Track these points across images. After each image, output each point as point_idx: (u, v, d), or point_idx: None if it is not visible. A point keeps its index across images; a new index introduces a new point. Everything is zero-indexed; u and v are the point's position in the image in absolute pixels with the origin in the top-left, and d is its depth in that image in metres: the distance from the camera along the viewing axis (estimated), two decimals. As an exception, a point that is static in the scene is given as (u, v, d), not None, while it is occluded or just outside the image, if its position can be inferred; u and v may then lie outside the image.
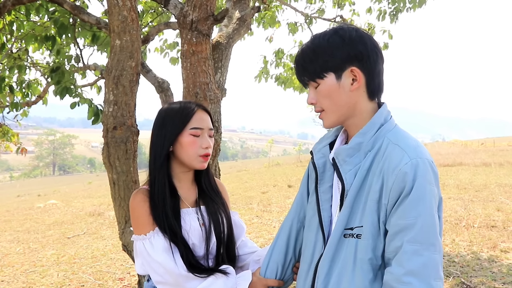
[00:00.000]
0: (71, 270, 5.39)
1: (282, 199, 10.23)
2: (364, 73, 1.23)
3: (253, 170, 22.83)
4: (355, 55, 1.21)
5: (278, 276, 1.51)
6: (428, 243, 1.10)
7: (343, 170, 1.24)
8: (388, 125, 1.26)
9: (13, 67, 4.58)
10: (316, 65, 1.24)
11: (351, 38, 1.21)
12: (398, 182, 1.13)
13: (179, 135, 1.55)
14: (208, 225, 1.61)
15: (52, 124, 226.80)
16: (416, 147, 1.18)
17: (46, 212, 11.44)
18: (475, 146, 39.69)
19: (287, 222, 1.54)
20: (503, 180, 11.87)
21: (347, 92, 1.23)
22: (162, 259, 1.48)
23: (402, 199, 1.12)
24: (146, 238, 1.52)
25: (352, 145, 1.24)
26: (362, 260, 1.18)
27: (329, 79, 1.23)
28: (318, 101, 1.28)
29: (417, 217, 1.10)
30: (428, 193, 1.11)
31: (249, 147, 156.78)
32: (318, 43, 1.24)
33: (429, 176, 1.13)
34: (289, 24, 6.60)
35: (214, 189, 1.70)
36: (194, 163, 1.58)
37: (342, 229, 1.23)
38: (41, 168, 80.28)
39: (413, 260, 1.09)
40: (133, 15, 2.55)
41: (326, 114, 1.28)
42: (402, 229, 1.11)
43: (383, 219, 1.17)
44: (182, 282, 1.49)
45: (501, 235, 5.89)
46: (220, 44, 3.46)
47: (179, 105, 1.61)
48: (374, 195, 1.18)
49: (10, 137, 6.11)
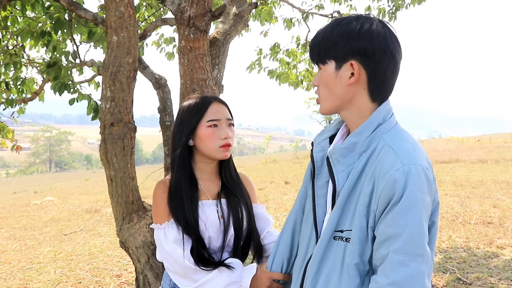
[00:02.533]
0: (68, 267, 5.38)
1: (279, 196, 10.24)
2: (366, 69, 1.19)
3: (250, 167, 22.84)
4: (358, 50, 1.17)
5: (284, 270, 1.51)
6: (415, 254, 1.07)
7: (336, 170, 1.22)
8: (387, 125, 1.21)
9: (9, 63, 4.55)
10: (321, 49, 1.24)
11: (360, 31, 1.18)
12: (388, 188, 1.09)
13: (197, 128, 1.60)
14: (227, 218, 1.64)
15: (48, 121, 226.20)
16: (411, 152, 1.14)
17: (43, 209, 11.41)
18: (471, 143, 39.84)
19: (292, 216, 1.53)
20: (499, 177, 11.93)
21: (343, 85, 1.20)
22: (172, 249, 1.53)
23: (391, 206, 1.09)
24: (162, 228, 1.58)
25: (347, 144, 1.21)
26: (348, 265, 1.16)
27: (329, 66, 1.22)
28: (319, 84, 1.28)
29: (405, 226, 1.07)
30: (418, 201, 1.08)
31: (246, 143, 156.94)
32: (330, 30, 1.22)
33: (421, 183, 1.09)
34: (285, 20, 6.58)
35: (235, 182, 1.73)
36: (215, 154, 1.62)
37: (332, 230, 1.21)
38: (38, 164, 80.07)
39: (398, 271, 1.06)
40: (130, 11, 2.54)
41: (321, 100, 1.28)
42: (389, 238, 1.09)
43: (371, 225, 1.14)
44: (190, 274, 1.53)
45: (497, 231, 5.92)
46: (217, 40, 3.44)
47: (196, 100, 1.65)
48: (364, 199, 1.15)
49: (5, 134, 6.08)
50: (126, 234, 2.60)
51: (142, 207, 2.65)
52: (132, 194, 2.61)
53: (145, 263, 2.54)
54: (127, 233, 2.60)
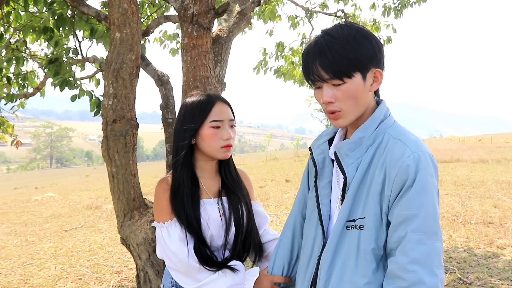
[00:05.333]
0: (69, 263, 5.39)
1: (280, 194, 10.24)
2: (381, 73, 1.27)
3: (250, 165, 22.83)
4: (377, 56, 1.24)
5: (285, 273, 1.54)
6: (431, 232, 1.14)
7: (345, 164, 1.27)
8: (388, 121, 1.30)
9: (11, 58, 4.54)
10: (341, 63, 1.20)
11: (371, 38, 1.24)
12: (401, 174, 1.17)
13: (200, 128, 1.60)
14: (228, 216, 1.65)
15: (49, 117, 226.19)
16: (417, 141, 1.23)
17: (44, 204, 11.42)
18: (472, 142, 39.83)
19: (291, 219, 1.56)
20: (500, 177, 11.92)
21: (367, 93, 1.26)
22: (176, 248, 1.54)
23: (405, 190, 1.16)
24: (164, 226, 1.59)
25: (354, 139, 1.27)
26: (365, 250, 1.20)
27: (357, 79, 1.22)
28: (338, 100, 1.24)
29: (420, 207, 1.14)
30: (430, 184, 1.16)
31: (247, 141, 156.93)
32: (345, 40, 1.20)
33: (430, 168, 1.18)
34: (290, 17, 6.56)
35: (235, 180, 1.74)
36: (217, 154, 1.62)
37: (344, 221, 1.26)
38: (38, 160, 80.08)
39: (417, 249, 1.12)
40: (133, 7, 2.53)
41: (345, 114, 1.25)
42: (406, 219, 1.15)
43: (385, 210, 1.20)
44: (193, 273, 1.54)
45: (498, 231, 5.92)
46: (220, 38, 3.44)
47: (199, 98, 1.64)
48: (376, 187, 1.21)
49: (5, 129, 6.07)
50: (127, 231, 2.60)
51: (144, 204, 2.65)
52: (134, 191, 2.61)
53: (146, 260, 2.54)
54: (128, 230, 2.60)
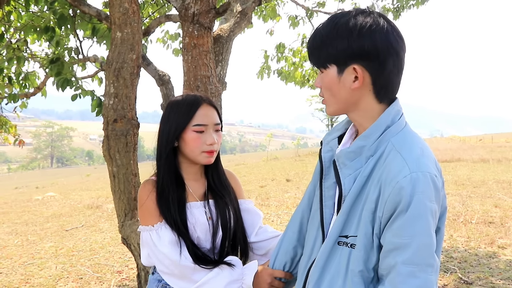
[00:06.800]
0: (69, 263, 5.39)
1: (281, 193, 10.24)
2: (370, 72, 1.12)
3: (251, 164, 22.83)
4: (360, 52, 1.09)
5: (287, 269, 1.46)
6: (424, 264, 1.04)
7: (342, 174, 1.17)
8: (395, 127, 1.15)
9: (12, 58, 4.55)
10: (320, 53, 1.16)
11: (361, 32, 1.09)
12: (394, 195, 1.05)
13: (182, 131, 1.54)
14: (215, 219, 1.60)
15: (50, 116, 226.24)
16: (420, 157, 1.09)
17: (44, 204, 11.42)
18: (473, 142, 39.80)
19: (298, 213, 1.47)
20: (501, 177, 11.91)
21: (347, 89, 1.14)
22: (168, 250, 1.48)
23: (397, 214, 1.05)
24: (154, 229, 1.52)
25: (354, 148, 1.16)
26: (353, 272, 1.12)
27: (331, 71, 1.15)
28: (322, 87, 1.21)
29: (413, 236, 1.03)
30: (426, 211, 1.04)
31: (248, 141, 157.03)
32: (328, 31, 1.13)
33: (429, 192, 1.04)
34: (290, 17, 6.56)
35: (223, 184, 1.68)
36: (199, 158, 1.57)
37: (336, 235, 1.17)
38: (39, 160, 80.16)
39: (408, 282, 1.03)
40: (134, 7, 2.53)
41: (326, 103, 1.22)
42: (396, 248, 1.05)
43: (376, 232, 1.10)
44: (188, 274, 1.49)
45: (499, 231, 5.92)
46: (221, 37, 3.44)
47: (184, 100, 1.58)
48: (370, 205, 1.11)
49: (8, 129, 6.08)
50: (128, 230, 2.61)
51: (145, 203, 2.65)
52: (135, 191, 2.61)
53: (147, 259, 2.54)
54: (129, 229, 2.60)
